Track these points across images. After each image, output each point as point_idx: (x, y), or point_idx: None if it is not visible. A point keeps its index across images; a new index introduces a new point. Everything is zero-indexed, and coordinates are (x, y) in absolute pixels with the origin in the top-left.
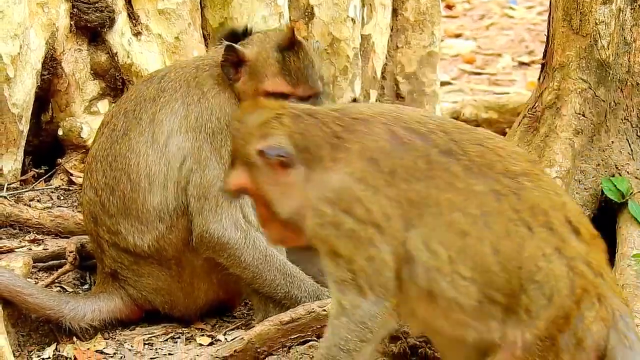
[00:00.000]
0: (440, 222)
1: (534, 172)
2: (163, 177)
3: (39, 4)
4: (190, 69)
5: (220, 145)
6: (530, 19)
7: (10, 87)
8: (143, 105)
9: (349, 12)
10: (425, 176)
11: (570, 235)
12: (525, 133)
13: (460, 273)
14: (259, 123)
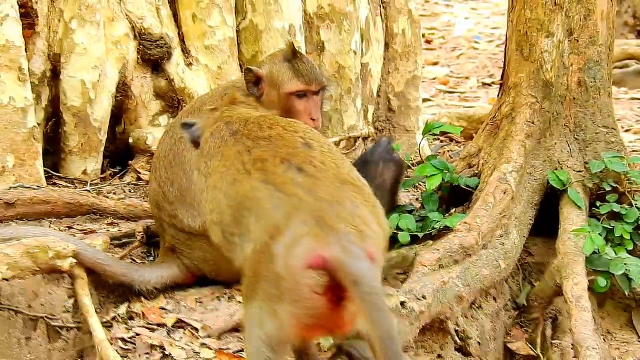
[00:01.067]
0: (209, 183)
1: (280, 135)
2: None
3: (114, 42)
4: (224, 88)
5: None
6: (491, 50)
7: (92, 106)
8: (192, 116)
9: (351, 46)
10: (216, 152)
11: (291, 170)
12: (488, 137)
13: (213, 220)
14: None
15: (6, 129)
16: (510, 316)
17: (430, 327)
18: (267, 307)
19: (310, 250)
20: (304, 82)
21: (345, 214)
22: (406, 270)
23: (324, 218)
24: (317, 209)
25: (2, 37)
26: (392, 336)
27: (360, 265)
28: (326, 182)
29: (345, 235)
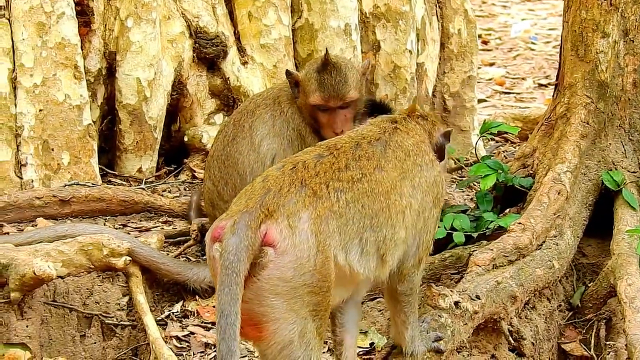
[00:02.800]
0: None
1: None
2: (260, 170)
3: (169, 40)
4: (276, 90)
5: (297, 145)
6: (547, 51)
7: (147, 104)
8: (245, 117)
9: (407, 46)
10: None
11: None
12: (543, 137)
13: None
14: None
15: (62, 127)
16: (564, 317)
17: (484, 327)
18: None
19: (217, 223)
20: (323, 97)
21: (272, 200)
22: (460, 270)
23: (252, 199)
24: (256, 193)
25: (58, 35)
26: (224, 312)
27: (228, 239)
28: (288, 178)
29: (248, 213)
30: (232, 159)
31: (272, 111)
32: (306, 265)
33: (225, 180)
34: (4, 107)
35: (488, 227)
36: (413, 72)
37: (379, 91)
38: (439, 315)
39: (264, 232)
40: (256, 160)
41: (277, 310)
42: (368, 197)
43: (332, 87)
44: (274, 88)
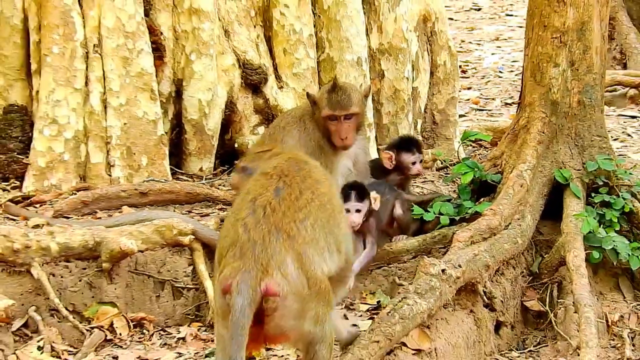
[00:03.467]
0: None
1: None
2: None
3: (223, 70)
4: (300, 110)
5: (318, 155)
6: (511, 78)
7: (207, 119)
8: (278, 130)
9: (405, 74)
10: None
11: (247, 211)
12: (509, 143)
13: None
14: (255, 150)
15: (141, 136)
16: (525, 281)
17: (464, 289)
18: (217, 326)
19: (225, 277)
20: (332, 109)
21: (262, 255)
22: (446, 245)
23: (246, 254)
24: (245, 247)
25: (138, 66)
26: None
27: (234, 299)
28: (265, 226)
29: (246, 272)
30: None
31: (298, 127)
32: (305, 293)
33: None
34: (97, 121)
35: (467, 212)
36: (409, 94)
37: (383, 109)
38: (430, 280)
39: (264, 288)
40: None
41: (297, 328)
42: (322, 211)
43: (338, 102)
44: (299, 108)
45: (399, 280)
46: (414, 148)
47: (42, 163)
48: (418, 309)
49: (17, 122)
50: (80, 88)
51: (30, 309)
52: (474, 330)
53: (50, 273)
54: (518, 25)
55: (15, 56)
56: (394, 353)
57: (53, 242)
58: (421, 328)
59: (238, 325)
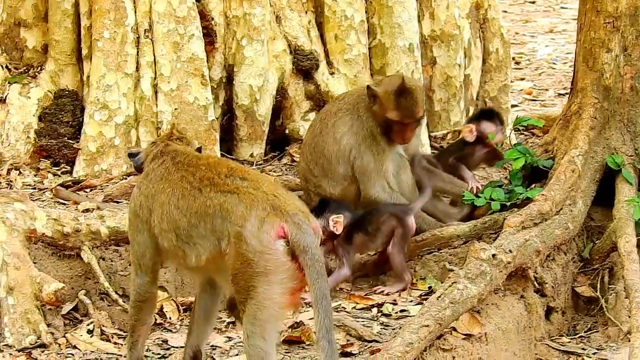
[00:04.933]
0: (156, 203)
1: (216, 162)
2: (343, 158)
3: (274, 56)
4: (354, 97)
5: (369, 143)
6: (565, 69)
7: (257, 105)
8: (329, 116)
9: (457, 61)
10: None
11: (235, 180)
12: (561, 129)
13: (164, 229)
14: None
15: (192, 122)
16: (576, 266)
17: (515, 274)
18: (261, 288)
19: (274, 223)
20: (401, 116)
21: (289, 201)
22: (497, 230)
23: (275, 204)
24: (268, 199)
25: (189, 51)
26: (325, 294)
27: (307, 238)
28: (265, 183)
29: (294, 215)
30: (319, 147)
31: (350, 115)
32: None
33: (315, 160)
34: (148, 106)
35: (518, 198)
36: (461, 81)
37: (435, 96)
38: (481, 265)
39: (313, 225)
40: (338, 149)
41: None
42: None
43: (407, 109)
44: (352, 95)
45: (450, 266)
46: (495, 118)
47: (93, 148)
48: (468, 294)
49: (68, 107)
50: (131, 73)
51: (80, 293)
52: (524, 316)
53: (100, 257)
54: (572, 17)
55: (66, 41)
56: (443, 337)
57: (103, 226)
58: (471, 313)
59: (321, 261)
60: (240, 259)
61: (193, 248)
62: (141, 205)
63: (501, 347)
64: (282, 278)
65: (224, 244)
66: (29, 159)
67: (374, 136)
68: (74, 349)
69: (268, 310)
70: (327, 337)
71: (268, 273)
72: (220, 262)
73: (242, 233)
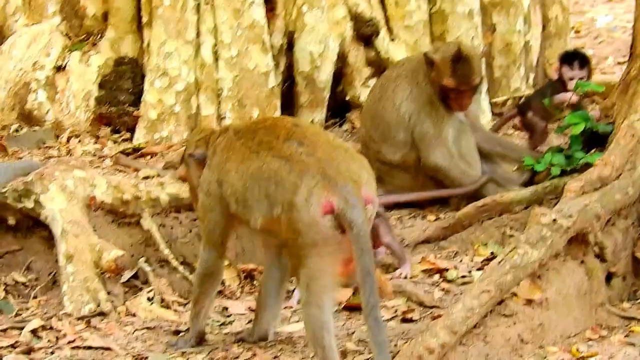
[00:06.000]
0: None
1: (274, 124)
2: (402, 125)
3: (335, 22)
4: (414, 64)
5: (429, 109)
6: (624, 38)
7: (318, 71)
8: (389, 82)
9: (516, 27)
10: (224, 149)
11: (292, 144)
12: (620, 94)
13: (229, 194)
14: (195, 139)
15: (252, 88)
16: (637, 231)
17: (575, 239)
18: (311, 259)
19: (322, 197)
20: (457, 83)
21: (341, 169)
22: (557, 195)
23: (326, 173)
24: (320, 167)
25: (250, 18)
26: (370, 271)
27: (354, 213)
28: (322, 148)
29: (343, 187)
30: (379, 113)
31: (409, 81)
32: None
33: (375, 127)
34: (209, 73)
35: (578, 162)
36: (521, 47)
37: (495, 62)
38: (541, 230)
39: (364, 197)
40: (397, 116)
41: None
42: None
43: (463, 76)
44: (412, 61)
45: (510, 231)
46: (575, 63)
47: (153, 115)
48: (529, 259)
49: (128, 75)
50: (191, 40)
51: (140, 260)
52: (584, 281)
53: (160, 224)
54: None
55: (127, 8)
56: (504, 303)
57: (163, 193)
58: (532, 278)
59: (366, 237)
60: (291, 227)
61: (250, 211)
62: (210, 182)
63: (562, 312)
64: (332, 250)
65: (277, 210)
66: (89, 126)
67: (433, 103)
68: (134, 317)
69: (320, 280)
70: (373, 315)
71: (317, 245)
72: (276, 228)
73: (293, 201)
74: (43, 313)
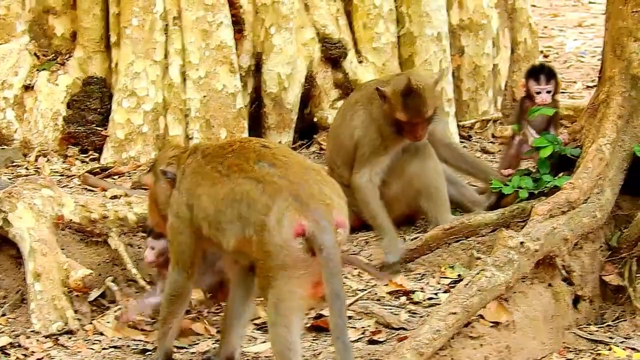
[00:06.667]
0: (194, 196)
1: (242, 146)
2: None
3: (303, 44)
4: (371, 90)
5: (373, 138)
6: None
7: (286, 93)
8: (348, 108)
9: (485, 50)
10: (198, 178)
11: (263, 166)
12: (589, 118)
13: (201, 218)
14: (169, 155)
15: (220, 109)
16: (604, 255)
17: (543, 262)
18: (280, 280)
19: (294, 220)
20: (409, 116)
21: (314, 192)
22: (524, 219)
23: (299, 195)
24: (292, 189)
25: (218, 39)
26: (339, 294)
27: (325, 237)
28: (293, 169)
29: (315, 210)
30: (340, 138)
31: (364, 109)
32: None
33: (336, 151)
34: (176, 94)
35: (546, 186)
36: (490, 70)
37: (463, 85)
38: (508, 253)
39: (335, 221)
40: (352, 142)
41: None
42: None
43: (415, 109)
44: (370, 87)
45: (477, 254)
46: (541, 76)
47: (121, 135)
48: (496, 282)
49: (96, 94)
50: (159, 60)
51: (107, 279)
52: (552, 304)
53: (127, 243)
54: (601, 12)
55: (95, 28)
56: (471, 325)
57: (131, 212)
58: (499, 301)
59: (335, 260)
60: (262, 248)
61: (223, 234)
62: (180, 205)
63: (529, 335)
64: (302, 273)
65: (249, 231)
66: (57, 145)
67: (381, 133)
68: (101, 335)
69: (289, 302)
70: (341, 338)
71: (286, 267)
72: (247, 249)
73: (265, 222)
74: (11, 331)
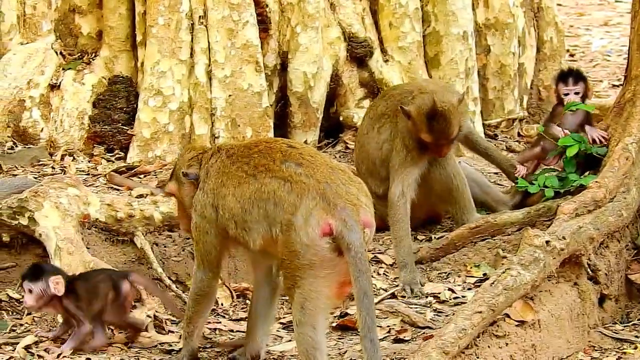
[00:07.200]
0: (219, 197)
1: (268, 147)
2: (385, 163)
3: (329, 43)
4: (396, 105)
5: (398, 150)
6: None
7: (312, 92)
8: (375, 118)
9: (511, 49)
10: (224, 178)
11: (290, 166)
12: (615, 117)
13: (227, 218)
14: (188, 157)
15: (246, 108)
16: (630, 254)
17: (569, 261)
18: (307, 280)
19: (321, 219)
20: (434, 138)
21: (340, 191)
22: (550, 217)
23: (326, 195)
24: (319, 189)
25: (244, 38)
26: (367, 293)
27: (352, 236)
28: (320, 169)
29: (342, 209)
30: (365, 148)
31: (390, 123)
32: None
33: (362, 160)
34: (202, 93)
35: (572, 185)
36: (515, 69)
37: (489, 84)
38: (534, 251)
39: (362, 221)
40: (380, 154)
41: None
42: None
43: (440, 132)
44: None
45: (503, 253)
46: (569, 79)
47: (147, 134)
48: (522, 280)
49: (122, 93)
50: (185, 59)
51: None
52: (577, 303)
53: (153, 242)
54: (627, 11)
55: (121, 27)
56: (497, 324)
57: (157, 211)
58: (524, 299)
59: (363, 259)
60: (288, 248)
61: (249, 233)
62: (205, 205)
63: (554, 334)
64: (328, 272)
65: (275, 230)
66: (83, 145)
67: (407, 147)
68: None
69: (314, 301)
70: (369, 336)
71: (313, 267)
72: (274, 248)
73: (292, 222)
74: (36, 330)
